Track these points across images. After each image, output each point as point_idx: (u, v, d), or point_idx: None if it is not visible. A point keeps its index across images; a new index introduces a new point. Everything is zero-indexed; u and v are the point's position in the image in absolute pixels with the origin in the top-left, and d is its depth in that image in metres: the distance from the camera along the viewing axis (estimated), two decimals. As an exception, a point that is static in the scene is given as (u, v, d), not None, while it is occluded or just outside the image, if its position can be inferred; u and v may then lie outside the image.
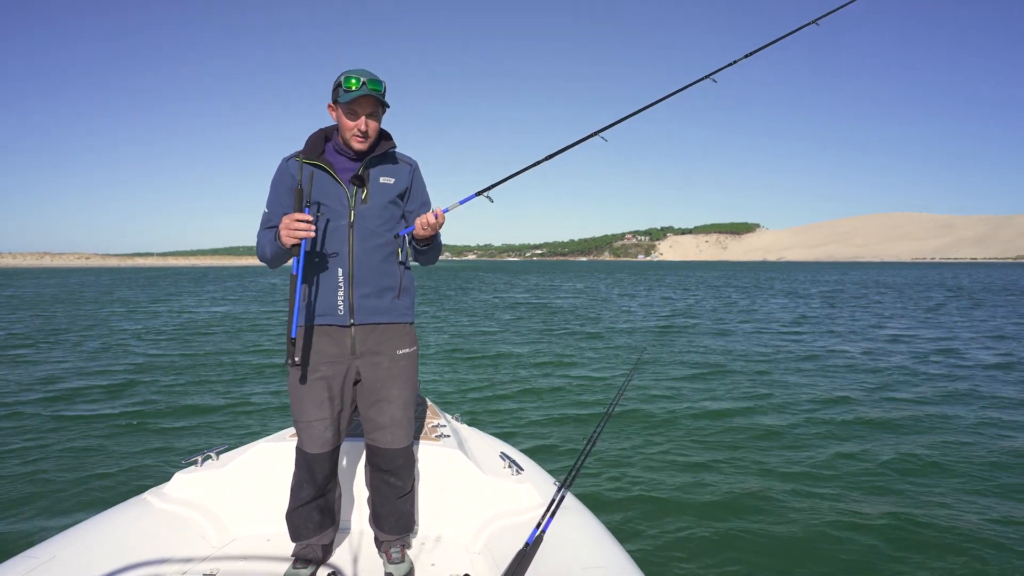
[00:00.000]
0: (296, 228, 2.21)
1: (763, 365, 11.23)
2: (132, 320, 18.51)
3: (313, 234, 2.25)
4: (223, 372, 10.10)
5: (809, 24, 3.57)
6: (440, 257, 2.75)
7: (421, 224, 2.41)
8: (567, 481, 2.25)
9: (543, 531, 2.00)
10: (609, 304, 27.01)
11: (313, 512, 2.52)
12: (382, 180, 2.48)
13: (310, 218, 2.23)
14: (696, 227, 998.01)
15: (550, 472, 3.19)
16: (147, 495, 2.75)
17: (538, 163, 2.77)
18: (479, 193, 2.61)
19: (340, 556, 2.65)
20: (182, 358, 11.46)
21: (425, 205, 2.61)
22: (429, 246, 2.56)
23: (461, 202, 2.55)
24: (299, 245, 2.27)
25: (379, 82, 2.36)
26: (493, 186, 2.62)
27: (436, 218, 2.40)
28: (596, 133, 2.88)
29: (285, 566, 2.50)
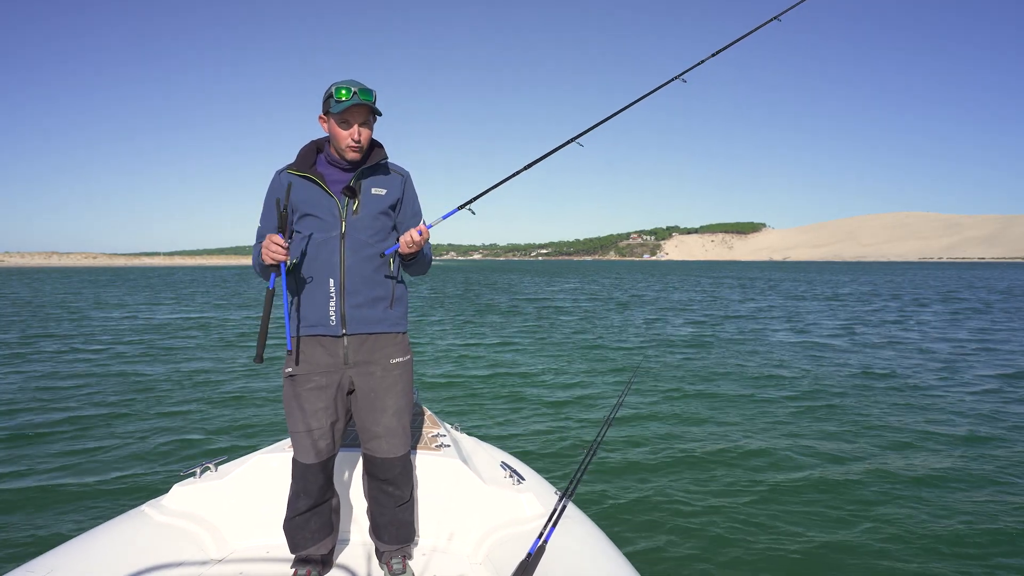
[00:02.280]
0: (272, 250, 2.27)
1: (767, 370, 11.18)
2: (128, 328, 18.52)
3: (285, 258, 2.30)
4: (220, 383, 10.04)
5: (771, 21, 3.50)
6: (445, 257, 2.75)
7: (406, 242, 2.42)
8: (568, 491, 2.23)
9: (545, 541, 1.98)
10: (614, 306, 26.94)
11: (310, 522, 2.52)
12: (374, 191, 2.49)
13: (284, 244, 2.28)
14: (702, 227, 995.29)
15: (551, 481, 3.17)
16: (145, 507, 2.74)
17: (517, 173, 2.77)
18: (461, 207, 2.61)
19: (340, 567, 2.64)
20: (179, 368, 11.41)
21: (416, 215, 2.62)
22: (415, 260, 2.57)
23: (444, 217, 2.56)
24: (277, 265, 2.32)
25: (369, 91, 2.38)
26: (475, 199, 2.63)
27: (420, 235, 2.42)
28: (573, 140, 2.88)
29: None
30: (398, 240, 2.49)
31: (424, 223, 2.50)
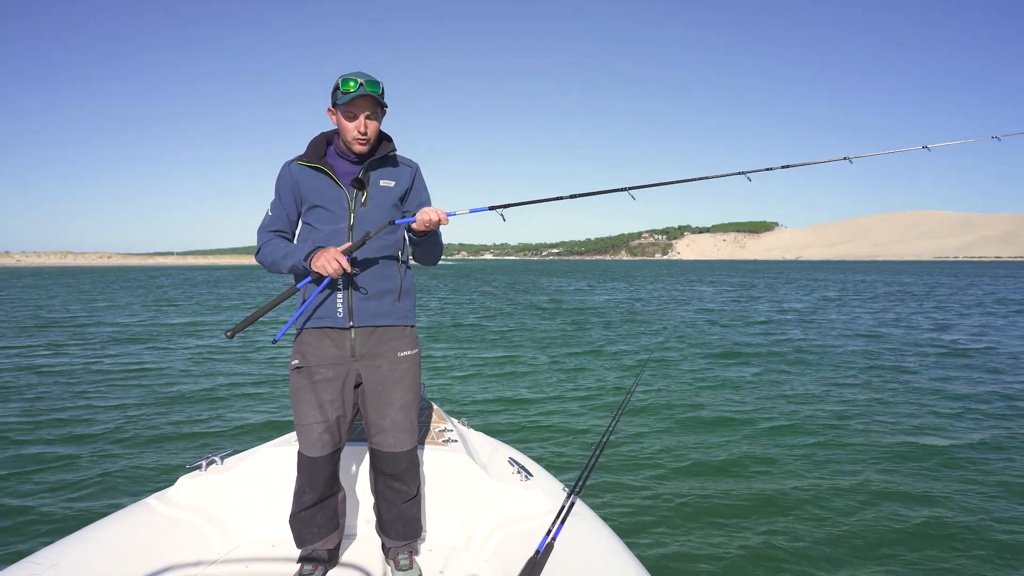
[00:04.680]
0: (333, 266, 2.26)
1: (778, 361, 11.08)
2: (135, 325, 18.63)
3: (337, 276, 2.30)
4: (227, 375, 10.08)
5: (841, 159, 3.46)
6: (456, 256, 2.71)
7: (422, 220, 2.38)
8: (577, 487, 2.19)
9: (554, 538, 1.94)
10: (623, 304, 26.85)
11: (316, 517, 2.50)
12: (382, 183, 2.48)
13: (347, 267, 2.28)
14: (714, 226, 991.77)
15: (559, 478, 3.13)
16: (151, 500, 2.72)
17: (560, 198, 2.68)
18: (492, 208, 2.56)
19: (346, 562, 2.61)
20: (185, 362, 11.48)
21: (423, 205, 2.58)
22: (424, 241, 2.51)
23: (472, 211, 2.52)
24: (321, 276, 2.34)
25: (376, 83, 2.36)
26: (509, 206, 2.56)
27: (438, 217, 2.37)
28: (625, 189, 2.82)
29: (291, 572, 2.47)
30: (414, 216, 2.45)
31: (444, 212, 2.42)
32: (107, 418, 7.35)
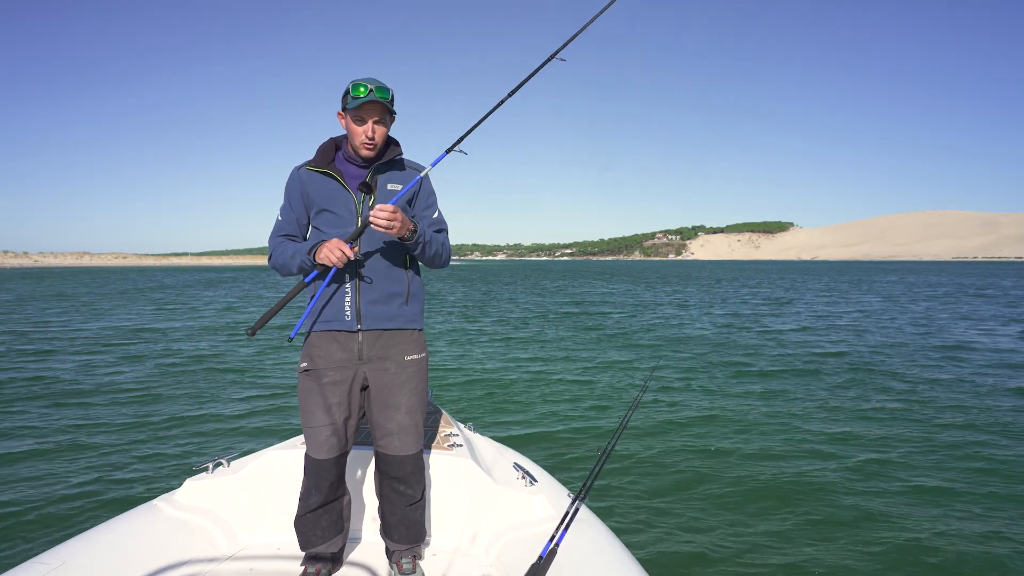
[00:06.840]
0: (337, 255, 2.25)
1: (789, 370, 11.01)
2: (145, 326, 18.76)
3: (341, 264, 2.28)
4: (234, 378, 10.12)
5: None
6: (469, 256, 2.68)
7: (383, 223, 2.21)
8: (581, 493, 2.19)
9: (557, 544, 1.95)
10: (634, 308, 26.75)
11: (321, 519, 2.51)
12: (390, 187, 2.49)
13: (351, 254, 2.28)
14: (728, 226, 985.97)
15: (564, 483, 3.12)
16: (157, 501, 2.75)
17: (502, 102, 2.63)
18: (449, 151, 2.53)
19: (350, 566, 2.62)
20: (193, 363, 11.53)
21: (431, 207, 2.60)
22: (419, 250, 2.44)
23: (433, 164, 2.51)
24: (326, 267, 2.34)
25: (386, 89, 2.38)
26: (461, 139, 2.52)
27: (392, 213, 2.21)
28: (553, 55, 2.68)
29: (295, 574, 2.48)
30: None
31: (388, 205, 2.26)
32: (114, 421, 7.41)
